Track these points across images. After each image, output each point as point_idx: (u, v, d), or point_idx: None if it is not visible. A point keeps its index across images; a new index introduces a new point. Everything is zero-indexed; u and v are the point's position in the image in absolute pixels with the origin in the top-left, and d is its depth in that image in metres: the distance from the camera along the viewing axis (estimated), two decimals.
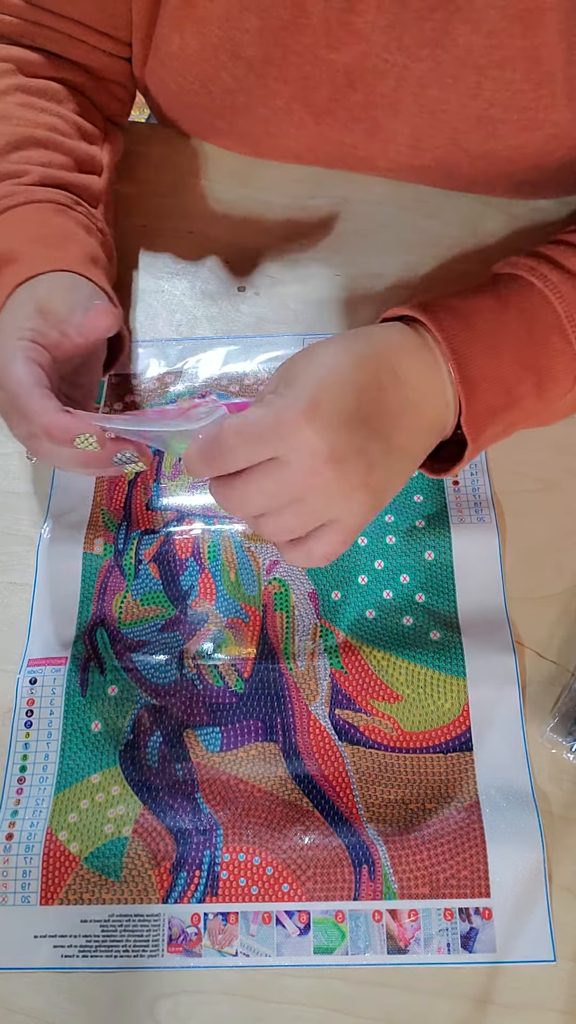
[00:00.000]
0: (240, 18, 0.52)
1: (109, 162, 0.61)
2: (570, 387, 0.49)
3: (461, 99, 0.54)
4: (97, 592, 0.55)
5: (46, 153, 0.55)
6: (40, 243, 0.51)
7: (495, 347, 0.46)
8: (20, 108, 0.56)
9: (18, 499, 0.58)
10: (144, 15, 0.55)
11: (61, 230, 0.52)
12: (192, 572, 0.55)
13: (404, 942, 0.45)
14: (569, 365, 0.48)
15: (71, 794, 0.49)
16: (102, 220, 0.58)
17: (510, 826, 0.47)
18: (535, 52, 0.50)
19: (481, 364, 0.46)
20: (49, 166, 0.55)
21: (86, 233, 0.54)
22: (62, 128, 0.57)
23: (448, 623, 0.53)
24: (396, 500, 0.56)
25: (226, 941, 0.46)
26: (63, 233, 0.52)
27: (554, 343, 0.47)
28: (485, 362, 0.46)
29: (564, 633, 0.53)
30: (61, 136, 0.57)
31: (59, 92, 0.58)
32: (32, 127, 0.55)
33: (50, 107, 0.57)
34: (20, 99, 0.56)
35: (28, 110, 0.56)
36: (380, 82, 0.54)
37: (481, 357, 0.46)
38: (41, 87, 0.57)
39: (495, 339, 0.47)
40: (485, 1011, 0.44)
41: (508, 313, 0.48)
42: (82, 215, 0.55)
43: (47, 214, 0.53)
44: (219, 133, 0.64)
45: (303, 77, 0.55)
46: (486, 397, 0.46)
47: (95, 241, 0.55)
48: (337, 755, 0.50)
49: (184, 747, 0.50)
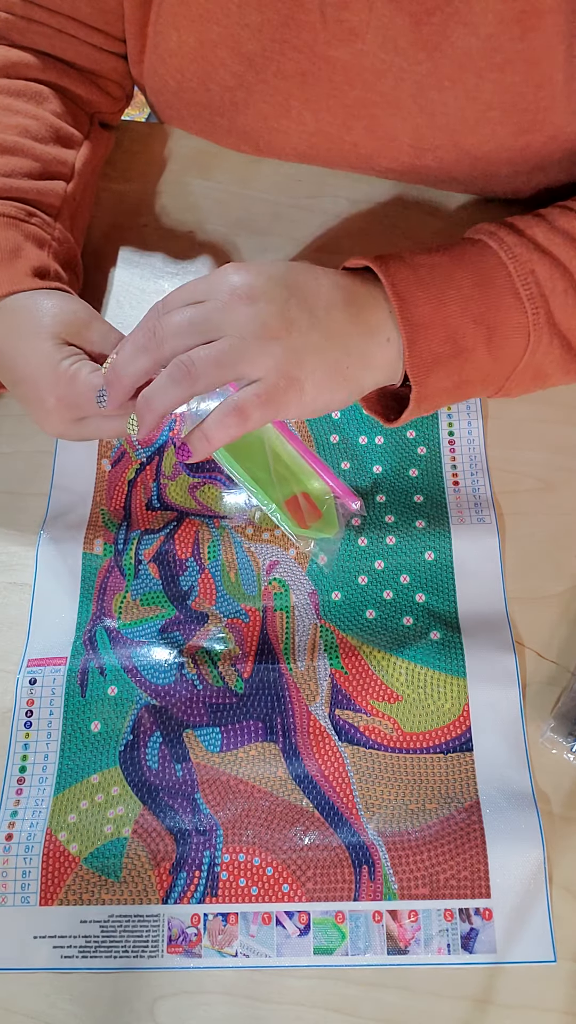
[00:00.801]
0: (239, 13, 0.52)
1: (83, 167, 0.60)
2: (525, 346, 0.49)
3: (460, 101, 0.54)
4: (97, 592, 0.55)
5: (10, 160, 0.55)
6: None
7: (441, 297, 0.47)
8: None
9: (18, 499, 0.58)
10: (136, 10, 0.55)
11: (9, 244, 0.53)
12: (192, 572, 0.55)
13: (404, 943, 0.45)
14: (521, 322, 0.48)
15: (71, 794, 0.49)
16: (60, 228, 0.57)
17: (510, 826, 0.47)
18: (534, 54, 0.50)
19: (426, 311, 0.47)
20: (10, 175, 0.55)
21: (37, 246, 0.55)
22: (35, 131, 0.57)
23: (448, 623, 0.53)
24: (396, 500, 0.56)
25: (226, 942, 0.46)
26: (10, 247, 0.53)
27: (507, 301, 0.48)
28: (430, 309, 0.47)
29: (564, 633, 0.53)
30: (31, 140, 0.56)
31: (41, 93, 0.58)
32: (0, 131, 0.55)
33: (26, 109, 0.57)
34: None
35: (2, 112, 0.56)
36: (379, 81, 0.54)
37: (426, 304, 0.47)
38: (21, 88, 0.57)
39: (442, 289, 0.47)
40: (485, 1011, 0.44)
41: (460, 269, 0.48)
42: (35, 226, 0.55)
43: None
44: (219, 131, 0.64)
45: (301, 73, 0.55)
46: (430, 343, 0.47)
47: (47, 253, 0.55)
48: (337, 755, 0.50)
49: (184, 747, 0.50)
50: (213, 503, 0.57)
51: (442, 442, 0.59)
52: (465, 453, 0.58)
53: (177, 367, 0.43)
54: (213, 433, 0.44)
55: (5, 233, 0.53)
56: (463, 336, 0.47)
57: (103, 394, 0.47)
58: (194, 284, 0.45)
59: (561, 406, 0.59)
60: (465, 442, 0.58)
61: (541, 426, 0.59)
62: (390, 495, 0.57)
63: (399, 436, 0.59)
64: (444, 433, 0.59)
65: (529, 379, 0.51)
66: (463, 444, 0.58)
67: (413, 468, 0.58)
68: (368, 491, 0.57)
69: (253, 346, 0.43)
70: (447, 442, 0.59)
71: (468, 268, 0.49)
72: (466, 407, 0.59)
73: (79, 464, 0.59)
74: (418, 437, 0.59)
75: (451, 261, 0.49)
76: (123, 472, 0.58)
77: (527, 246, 0.49)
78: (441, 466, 0.58)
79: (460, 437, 0.59)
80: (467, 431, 0.59)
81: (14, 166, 0.55)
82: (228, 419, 0.44)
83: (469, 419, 0.59)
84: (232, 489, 0.58)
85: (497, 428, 0.59)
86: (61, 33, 0.57)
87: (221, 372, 0.43)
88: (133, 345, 0.45)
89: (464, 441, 0.58)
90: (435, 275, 0.48)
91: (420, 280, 0.47)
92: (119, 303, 0.64)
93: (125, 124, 0.70)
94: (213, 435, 0.44)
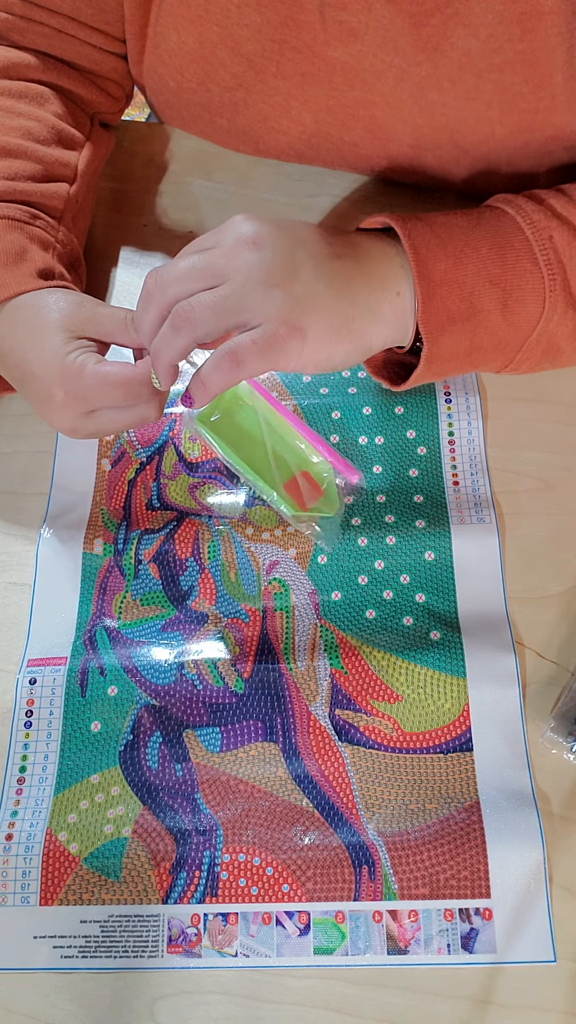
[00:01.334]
0: (239, 14, 0.52)
1: (86, 168, 0.60)
2: (540, 313, 0.48)
3: (459, 102, 0.54)
4: (97, 592, 0.55)
5: (14, 163, 0.55)
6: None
7: (459, 256, 0.47)
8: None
9: (18, 499, 0.58)
10: (136, 10, 0.55)
11: (14, 247, 0.53)
12: (192, 572, 0.55)
13: (404, 943, 0.45)
14: (538, 288, 0.48)
15: (71, 794, 0.49)
16: (64, 231, 0.58)
17: (510, 826, 0.47)
18: (534, 55, 0.50)
19: (443, 268, 0.46)
20: (14, 178, 0.55)
21: (41, 248, 0.55)
22: (37, 133, 0.57)
23: (448, 623, 0.53)
24: (396, 500, 0.56)
25: (226, 942, 0.46)
26: (16, 250, 0.53)
27: (524, 265, 0.48)
28: (448, 267, 0.46)
29: (564, 633, 0.53)
30: (34, 143, 0.57)
31: (42, 94, 0.58)
32: (3, 133, 0.55)
33: (28, 110, 0.57)
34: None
35: (4, 115, 0.56)
36: (378, 81, 0.54)
37: (444, 261, 0.46)
38: (22, 89, 0.57)
39: (460, 248, 0.47)
40: (485, 1011, 0.44)
41: (478, 231, 0.48)
42: (39, 228, 0.55)
43: (1, 231, 0.53)
44: (219, 131, 0.64)
45: (301, 74, 0.55)
46: (445, 301, 0.47)
47: (51, 255, 0.55)
48: (337, 755, 0.50)
49: (184, 747, 0.50)
50: (213, 503, 0.57)
51: (442, 442, 0.59)
52: (465, 453, 0.58)
53: (177, 313, 0.43)
54: (209, 378, 0.44)
55: (10, 236, 0.53)
56: (479, 297, 0.47)
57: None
58: (204, 235, 0.45)
59: (561, 406, 0.59)
60: (465, 442, 0.58)
61: (541, 426, 0.59)
62: (390, 495, 0.57)
63: (399, 436, 0.59)
64: (444, 433, 0.59)
65: (541, 352, 0.51)
66: (463, 444, 0.58)
67: (413, 468, 0.58)
68: (368, 491, 0.57)
69: (254, 292, 0.43)
70: (447, 442, 0.59)
71: (486, 230, 0.48)
72: (466, 407, 0.59)
73: (79, 464, 0.59)
74: (418, 437, 0.59)
75: (469, 223, 0.49)
76: (123, 472, 0.58)
77: (545, 213, 0.49)
78: (441, 466, 0.58)
79: (460, 437, 0.59)
80: (467, 431, 0.59)
81: (17, 169, 0.55)
82: (223, 363, 0.43)
83: (469, 419, 0.59)
84: (232, 489, 0.58)
85: (497, 428, 0.59)
86: (61, 33, 0.57)
87: (221, 317, 0.43)
88: (142, 296, 0.45)
89: (464, 441, 0.58)
90: (453, 234, 0.48)
91: (439, 237, 0.47)
92: (119, 303, 0.64)
93: (125, 124, 0.70)
94: (209, 380, 0.44)
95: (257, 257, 0.43)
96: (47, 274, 0.53)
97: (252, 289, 0.43)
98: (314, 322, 0.44)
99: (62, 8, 0.56)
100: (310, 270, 0.44)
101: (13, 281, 0.51)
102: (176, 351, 0.44)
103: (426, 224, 0.48)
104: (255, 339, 0.43)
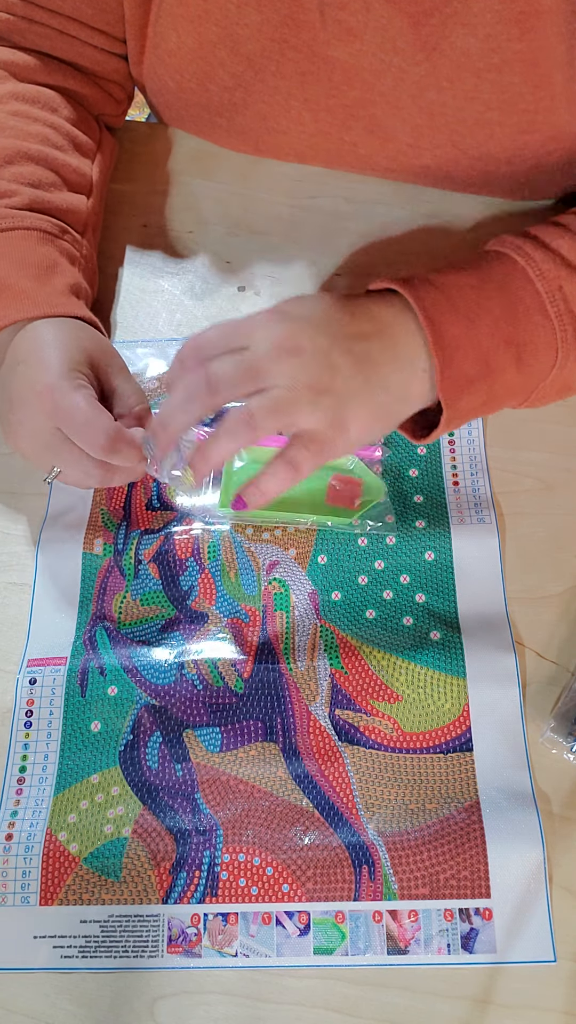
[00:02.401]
0: (238, 14, 0.52)
1: (99, 178, 0.61)
2: (553, 362, 0.49)
3: (459, 102, 0.54)
4: (97, 592, 0.55)
5: (37, 170, 0.55)
6: (24, 274, 0.52)
7: (472, 318, 0.47)
8: (13, 118, 0.56)
9: (18, 499, 0.58)
10: (136, 10, 0.55)
11: (46, 260, 0.53)
12: (192, 572, 0.55)
13: (404, 943, 0.45)
14: (550, 340, 0.48)
15: (71, 794, 0.49)
16: (87, 246, 0.58)
17: (510, 826, 0.47)
18: (533, 55, 0.50)
19: (457, 333, 0.47)
20: (39, 186, 0.55)
21: (70, 263, 0.55)
22: (54, 140, 0.57)
23: (448, 623, 0.53)
24: (396, 500, 0.56)
25: (226, 942, 0.46)
26: (48, 264, 0.53)
27: (535, 319, 0.48)
28: (461, 331, 0.47)
29: (564, 633, 0.53)
30: (54, 149, 0.57)
31: (53, 99, 0.58)
32: (24, 139, 0.55)
33: (44, 116, 0.57)
34: (13, 107, 0.56)
35: (21, 120, 0.56)
36: (378, 81, 0.54)
37: (457, 326, 0.47)
38: (35, 94, 0.57)
39: (472, 311, 0.47)
40: (485, 1011, 0.44)
41: (488, 288, 0.48)
42: (68, 243, 0.55)
43: (33, 242, 0.53)
44: (219, 131, 0.64)
45: (300, 73, 0.55)
46: (462, 364, 0.47)
47: (78, 270, 0.56)
48: (337, 755, 0.50)
49: (184, 747, 0.50)
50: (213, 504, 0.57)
51: (442, 442, 0.59)
52: (465, 453, 0.58)
53: (236, 419, 0.44)
54: (267, 484, 0.45)
55: (42, 249, 0.53)
56: (494, 356, 0.48)
57: (148, 440, 0.48)
58: (231, 329, 0.45)
59: (561, 406, 0.59)
60: (465, 442, 0.58)
61: (541, 426, 0.59)
62: (390, 495, 0.57)
63: (399, 436, 0.59)
64: None
65: (555, 392, 0.51)
66: (463, 444, 0.58)
67: (413, 468, 0.58)
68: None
69: (304, 397, 0.44)
70: (447, 442, 0.59)
71: (496, 288, 0.48)
72: None
73: None
74: None
75: (479, 281, 0.49)
76: None
77: (554, 261, 0.49)
78: (441, 466, 0.58)
79: (460, 437, 0.59)
80: (467, 431, 0.59)
81: (40, 177, 0.55)
82: (280, 471, 0.45)
83: None
84: None
85: (497, 428, 0.59)
86: (63, 34, 0.57)
87: (277, 421, 0.44)
88: (185, 393, 0.45)
89: (464, 441, 0.58)
90: (464, 296, 0.48)
91: (450, 301, 0.47)
92: (119, 303, 0.64)
93: (125, 124, 0.70)
94: (266, 486, 0.45)
95: (300, 363, 0.44)
96: (76, 290, 0.54)
97: (302, 394, 0.44)
98: (356, 418, 0.46)
99: (63, 8, 0.56)
100: (348, 367, 0.45)
101: (43, 298, 0.51)
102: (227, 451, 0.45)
103: (436, 288, 0.48)
104: (308, 446, 0.45)
